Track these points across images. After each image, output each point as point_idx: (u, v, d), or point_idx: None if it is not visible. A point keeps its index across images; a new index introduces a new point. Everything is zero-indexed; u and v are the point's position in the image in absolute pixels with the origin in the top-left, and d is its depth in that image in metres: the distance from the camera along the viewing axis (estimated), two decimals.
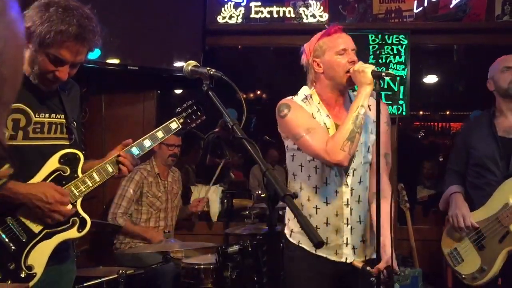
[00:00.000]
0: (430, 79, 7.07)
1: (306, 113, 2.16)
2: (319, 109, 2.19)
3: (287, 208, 2.25)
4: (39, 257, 1.78)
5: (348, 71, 2.12)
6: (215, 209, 4.19)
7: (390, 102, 3.97)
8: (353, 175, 2.17)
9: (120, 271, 2.81)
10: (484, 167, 2.82)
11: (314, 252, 2.16)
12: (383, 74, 2.05)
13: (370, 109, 2.16)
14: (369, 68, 2.05)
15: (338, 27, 2.20)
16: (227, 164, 5.90)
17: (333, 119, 2.18)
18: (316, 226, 2.16)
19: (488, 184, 2.80)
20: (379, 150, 2.01)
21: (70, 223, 1.84)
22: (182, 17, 3.88)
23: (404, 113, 3.99)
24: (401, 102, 3.97)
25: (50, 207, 1.74)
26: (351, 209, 2.17)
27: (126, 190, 3.65)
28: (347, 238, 2.16)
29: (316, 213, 2.17)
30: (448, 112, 9.67)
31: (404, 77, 3.97)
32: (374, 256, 2.14)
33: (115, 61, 3.71)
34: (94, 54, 3.56)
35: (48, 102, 1.88)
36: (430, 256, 3.93)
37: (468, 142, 2.93)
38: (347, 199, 2.16)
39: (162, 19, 3.81)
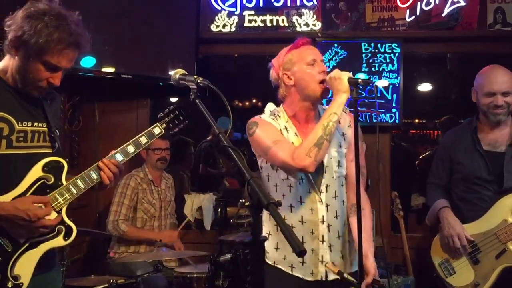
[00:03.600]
0: (425, 87, 7.09)
1: (274, 127, 2.16)
2: (287, 127, 2.19)
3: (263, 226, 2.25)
4: (25, 266, 1.77)
5: (321, 82, 2.12)
6: (208, 217, 4.17)
7: (383, 110, 3.98)
8: (326, 191, 2.15)
9: (111, 281, 2.80)
10: (473, 182, 2.81)
11: (290, 272, 2.15)
12: (360, 81, 2.04)
13: (340, 122, 2.14)
14: (345, 75, 2.05)
15: (306, 40, 2.21)
16: (221, 173, 5.92)
17: (301, 136, 2.17)
18: None
19: (481, 199, 2.79)
20: (358, 162, 2.00)
21: (56, 231, 1.83)
22: (176, 26, 3.90)
23: (397, 121, 3.99)
24: (394, 110, 3.98)
25: (34, 225, 1.73)
26: (328, 226, 2.15)
27: (123, 197, 3.64)
28: (322, 256, 2.14)
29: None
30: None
31: (398, 85, 3.98)
32: (353, 269, 2.15)
33: (109, 69, 3.72)
34: (89, 63, 3.63)
35: (31, 110, 1.88)
36: (424, 264, 3.92)
37: (452, 157, 2.91)
38: (323, 216, 2.14)
39: (156, 28, 3.82)
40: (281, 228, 1.24)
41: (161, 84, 4.00)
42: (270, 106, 2.27)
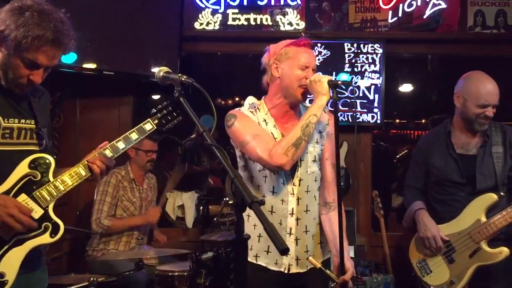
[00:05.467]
0: (406, 87, 7.17)
1: (252, 121, 2.18)
2: (265, 120, 2.21)
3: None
4: (10, 264, 1.74)
5: (301, 86, 2.15)
6: (190, 215, 4.17)
7: (365, 110, 4.02)
8: (299, 184, 2.18)
9: (92, 279, 2.77)
10: (447, 185, 2.87)
11: (255, 262, 2.18)
12: (340, 82, 2.09)
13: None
14: (325, 78, 2.09)
15: (309, 42, 2.24)
16: (206, 170, 5.89)
17: (280, 130, 2.20)
18: (260, 234, 2.16)
19: (455, 200, 2.85)
20: (339, 160, 2.04)
21: (42, 228, 1.79)
22: (159, 23, 3.87)
23: (378, 121, 4.04)
24: (375, 110, 4.02)
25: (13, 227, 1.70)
26: (297, 219, 2.17)
27: (105, 195, 3.61)
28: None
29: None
30: (423, 120, 9.81)
31: (379, 85, 4.03)
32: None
33: (91, 66, 3.68)
34: (70, 59, 3.58)
35: (17, 107, 1.85)
36: (403, 262, 3.97)
37: (427, 160, 2.96)
38: (292, 208, 2.17)
39: (139, 25, 3.79)
40: (264, 226, 1.25)
41: (141, 81, 3.98)
42: (249, 100, 2.29)
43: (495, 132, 2.84)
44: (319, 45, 4.02)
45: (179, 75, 1.68)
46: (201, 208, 4.17)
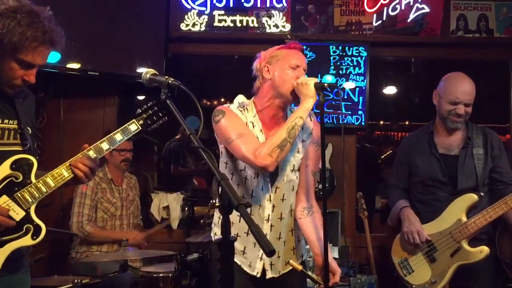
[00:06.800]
0: (390, 90, 7.25)
1: (239, 120, 2.19)
2: (253, 122, 2.22)
3: (215, 220, 2.29)
4: None
5: (293, 85, 2.16)
6: (175, 216, 4.15)
7: (349, 112, 4.06)
8: (275, 192, 2.20)
9: (76, 280, 2.75)
10: (430, 184, 2.92)
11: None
12: (326, 85, 2.10)
13: (302, 128, 2.17)
14: (312, 81, 2.11)
15: (298, 45, 2.27)
16: (191, 172, 5.89)
17: (266, 134, 2.21)
18: (237, 233, 2.19)
19: (437, 200, 2.90)
20: (324, 164, 2.07)
21: (24, 230, 1.78)
22: (145, 23, 3.86)
23: (363, 123, 4.08)
24: (360, 112, 4.06)
25: None
26: (271, 226, 2.20)
27: (84, 197, 3.58)
28: (262, 254, 2.20)
29: (239, 221, 2.18)
30: (407, 122, 9.94)
31: (364, 88, 4.07)
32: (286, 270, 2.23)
33: (75, 65, 3.64)
34: (53, 58, 3.54)
35: (0, 107, 1.83)
36: (387, 263, 4.02)
37: (410, 160, 3.01)
38: (268, 214, 2.20)
39: (124, 25, 3.77)
40: (250, 229, 1.26)
41: (126, 82, 3.95)
42: (239, 98, 2.29)
43: (476, 134, 2.90)
44: (304, 47, 4.03)
45: (166, 77, 1.69)
46: (186, 209, 4.16)
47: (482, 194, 2.82)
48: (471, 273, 2.83)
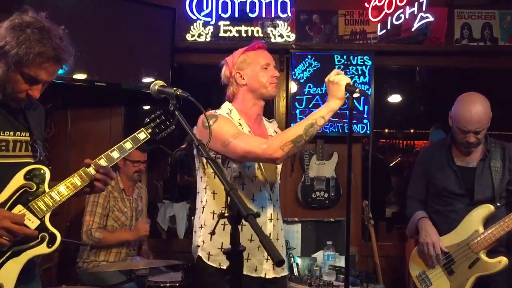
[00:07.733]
0: (394, 98, 7.27)
1: (232, 122, 2.19)
2: (241, 124, 2.23)
3: (196, 230, 2.28)
4: (8, 275, 1.74)
5: (272, 83, 2.21)
6: (181, 226, 4.17)
7: (355, 121, 4.06)
8: (273, 192, 2.26)
9: None
10: (447, 196, 2.90)
11: None
12: (358, 90, 1.98)
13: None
14: (344, 81, 2.00)
15: (262, 44, 2.31)
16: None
17: (253, 135, 2.23)
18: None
19: (454, 211, 2.88)
20: (350, 169, 2.06)
21: (39, 239, 1.80)
22: (151, 34, 3.89)
23: (368, 132, 4.09)
24: (365, 121, 4.07)
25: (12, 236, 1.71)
26: (273, 225, 2.23)
27: (96, 206, 3.58)
28: (267, 255, 2.18)
29: (242, 230, 2.18)
30: (412, 130, 9.94)
31: (369, 96, 4.08)
32: (284, 273, 2.29)
33: (82, 76, 3.68)
34: (61, 69, 3.56)
35: (12, 120, 1.86)
36: (393, 272, 4.01)
37: (427, 171, 3.01)
38: (271, 214, 2.22)
39: (131, 36, 3.81)
40: (260, 239, 1.27)
41: (132, 92, 3.98)
42: (227, 105, 2.32)
43: (494, 148, 2.90)
44: (309, 56, 4.07)
45: (174, 89, 1.71)
46: (192, 218, 4.17)
47: (498, 204, 2.81)
48: (490, 284, 2.80)
